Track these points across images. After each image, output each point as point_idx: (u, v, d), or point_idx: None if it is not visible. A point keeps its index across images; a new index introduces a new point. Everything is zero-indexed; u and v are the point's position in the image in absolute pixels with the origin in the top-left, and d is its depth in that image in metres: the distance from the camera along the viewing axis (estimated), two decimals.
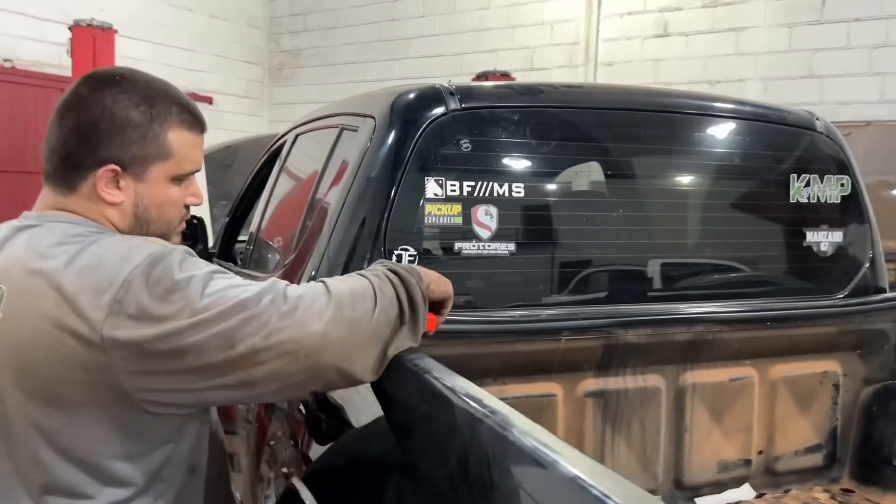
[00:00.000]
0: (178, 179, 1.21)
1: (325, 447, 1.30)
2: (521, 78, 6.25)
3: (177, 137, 1.19)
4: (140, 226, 1.19)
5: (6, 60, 6.20)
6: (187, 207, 1.26)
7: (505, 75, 5.85)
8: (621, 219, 1.86)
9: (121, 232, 1.19)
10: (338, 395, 1.32)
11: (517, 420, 0.85)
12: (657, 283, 1.84)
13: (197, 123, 1.23)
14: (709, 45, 5.93)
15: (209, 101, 7.83)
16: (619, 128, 1.88)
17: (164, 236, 1.21)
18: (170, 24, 7.36)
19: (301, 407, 1.39)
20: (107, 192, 1.16)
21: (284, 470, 1.37)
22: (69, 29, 4.30)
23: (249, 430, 1.91)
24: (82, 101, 1.16)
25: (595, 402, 1.70)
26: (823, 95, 5.45)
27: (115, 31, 4.40)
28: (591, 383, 1.70)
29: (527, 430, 0.82)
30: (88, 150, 1.14)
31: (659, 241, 1.89)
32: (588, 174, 1.95)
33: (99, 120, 1.14)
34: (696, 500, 1.74)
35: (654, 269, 1.85)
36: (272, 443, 1.58)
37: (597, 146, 1.90)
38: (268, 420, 1.66)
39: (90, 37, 4.29)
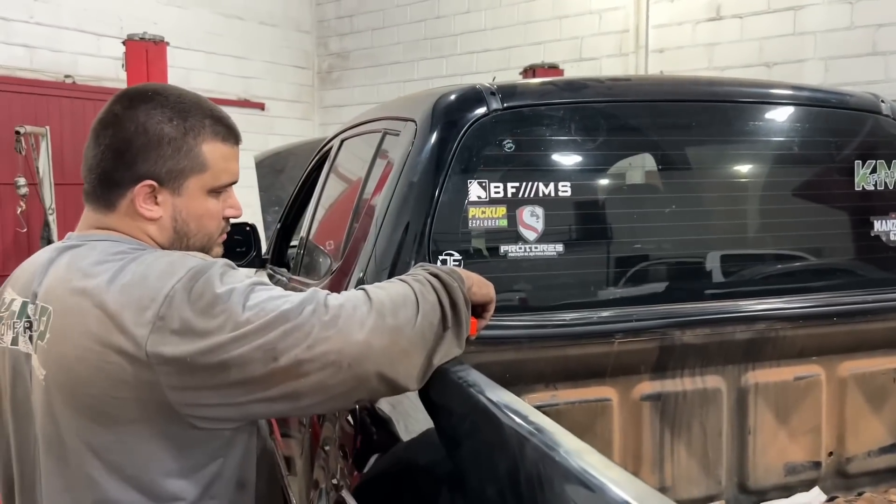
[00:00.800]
0: (216, 192, 1.23)
1: (375, 459, 1.28)
2: (570, 69, 6.15)
3: (211, 149, 1.20)
4: (180, 239, 1.21)
5: (67, 77, 6.41)
6: (227, 220, 1.27)
7: (553, 67, 5.76)
8: (675, 213, 1.79)
9: (161, 247, 1.20)
10: (386, 407, 1.30)
11: (564, 439, 0.81)
12: (715, 280, 1.77)
13: (231, 135, 1.24)
14: (765, 27, 5.72)
15: (261, 107, 7.95)
16: (669, 120, 1.81)
17: (205, 249, 1.23)
18: (221, 32, 7.49)
19: (349, 418, 1.38)
20: (145, 208, 1.17)
21: (335, 481, 1.36)
22: (123, 43, 4.41)
23: (304, 435, 1.91)
24: (116, 119, 1.17)
25: (652, 405, 1.64)
26: (889, 73, 5.20)
27: (167, 44, 4.50)
28: (647, 386, 1.64)
29: (574, 451, 0.78)
30: (125, 167, 1.16)
31: (716, 236, 1.81)
32: (638, 169, 1.89)
33: (133, 136, 1.16)
34: None
35: (711, 264, 1.78)
36: (326, 447, 1.57)
37: (646, 140, 1.84)
38: (320, 426, 1.65)
39: (143, 50, 4.39)
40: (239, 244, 3.24)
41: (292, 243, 3.19)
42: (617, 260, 1.73)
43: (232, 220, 1.32)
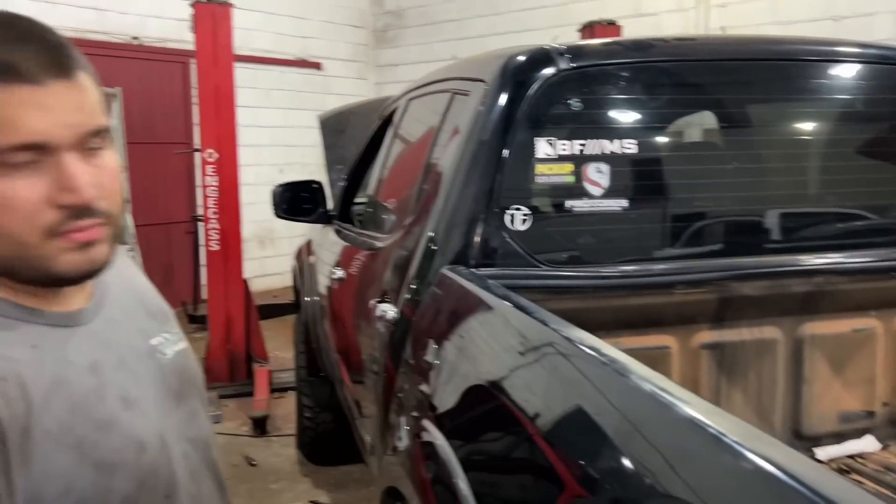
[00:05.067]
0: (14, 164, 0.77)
1: (453, 391, 1.40)
2: (629, 25, 6.08)
3: None
4: None
5: (134, 38, 6.62)
6: (70, 208, 0.80)
7: (611, 24, 5.70)
8: (737, 170, 1.84)
9: None
10: (460, 343, 1.41)
11: (635, 366, 0.91)
12: (775, 235, 1.82)
13: (12, 70, 0.77)
14: None
15: (318, 66, 8.06)
16: (733, 79, 1.85)
17: (33, 266, 0.81)
18: None
19: (428, 357, 1.50)
20: None
21: (415, 414, 1.48)
22: (191, 6, 4.54)
23: (376, 381, 2.05)
24: None
25: (710, 353, 1.73)
26: None
27: (232, 5, 4.62)
28: (706, 335, 1.72)
29: (644, 376, 0.88)
30: None
31: (776, 192, 1.86)
32: (701, 126, 1.94)
33: None
34: (815, 449, 1.74)
35: (771, 220, 1.83)
36: (400, 395, 1.70)
37: (710, 98, 1.89)
38: (395, 371, 1.78)
39: (210, 12, 4.51)
40: (306, 201, 3.38)
41: (357, 200, 3.31)
42: (678, 215, 1.80)
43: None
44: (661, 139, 1.82)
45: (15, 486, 0.76)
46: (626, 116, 1.76)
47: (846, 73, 1.90)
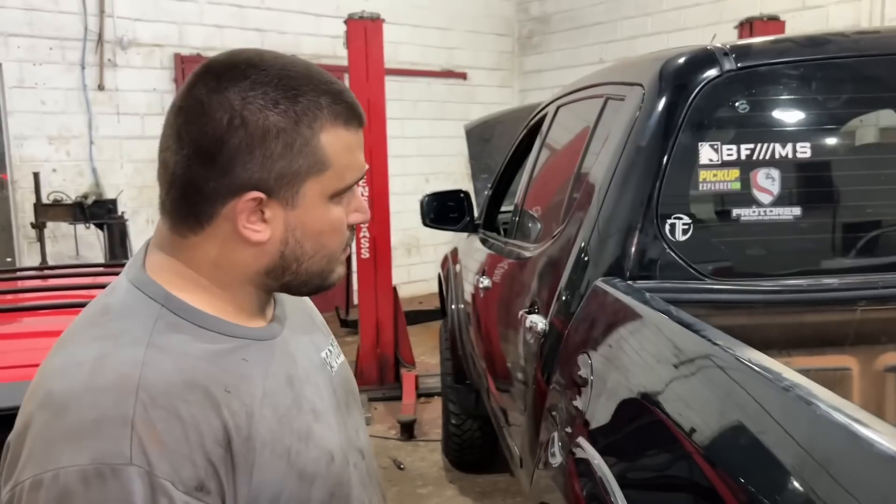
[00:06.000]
0: (339, 195, 0.90)
1: (608, 409, 1.35)
2: (792, 20, 5.69)
3: (332, 140, 0.86)
4: (285, 268, 0.90)
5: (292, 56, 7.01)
6: (351, 229, 0.95)
7: (773, 19, 5.35)
8: None
9: (241, 281, 0.90)
10: (614, 358, 1.36)
11: (820, 393, 0.83)
12: None
13: (354, 115, 0.89)
14: None
15: (463, 76, 8.17)
16: None
17: (324, 275, 0.93)
18: (426, 6, 7.76)
19: (581, 372, 1.46)
20: (251, 229, 0.85)
21: (568, 430, 1.44)
22: (344, 22, 4.73)
23: (524, 393, 2.02)
24: (201, 108, 0.83)
25: None
26: None
27: (383, 21, 4.77)
28: (892, 357, 1.56)
29: (833, 405, 0.80)
30: (218, 174, 0.83)
31: None
32: (879, 126, 1.76)
33: (227, 132, 0.82)
34: None
35: None
36: (551, 409, 1.66)
37: (889, 96, 1.71)
38: (545, 384, 1.74)
39: (362, 28, 4.68)
40: (452, 210, 3.42)
41: (503, 209, 3.31)
42: (857, 225, 1.64)
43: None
44: (837, 142, 1.67)
45: (239, 493, 0.82)
46: (798, 118, 1.63)
47: None
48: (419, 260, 7.69)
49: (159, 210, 0.90)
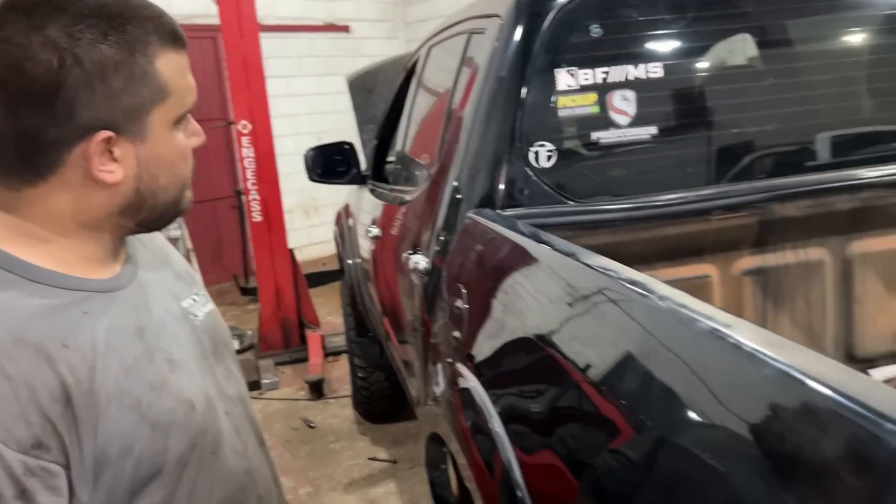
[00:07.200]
0: (180, 120, 0.88)
1: (484, 331, 1.38)
2: None
3: (167, 66, 0.84)
4: (140, 204, 0.87)
5: None
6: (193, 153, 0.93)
7: None
8: (772, 88, 1.75)
9: (94, 227, 0.86)
10: (492, 286, 1.39)
11: (661, 289, 0.87)
12: (818, 155, 1.73)
13: (179, 38, 0.87)
14: None
15: (346, 29, 7.99)
16: None
17: (177, 204, 0.92)
18: None
19: (458, 302, 1.48)
20: (104, 171, 0.82)
21: (449, 360, 1.47)
22: None
23: (416, 334, 2.05)
24: (21, 51, 0.76)
25: (754, 280, 1.66)
26: None
27: None
28: (748, 261, 1.66)
29: (667, 296, 0.84)
30: (59, 120, 0.78)
31: (817, 108, 1.77)
32: (732, 45, 1.84)
33: (59, 72, 0.77)
34: (871, 371, 1.67)
35: (812, 139, 1.74)
36: (433, 342, 1.69)
37: (739, 14, 1.78)
38: (430, 320, 1.77)
39: None
40: (339, 163, 3.37)
41: (389, 158, 3.29)
42: (712, 139, 1.72)
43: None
44: (689, 61, 1.74)
45: (85, 448, 0.79)
46: (649, 39, 1.68)
47: None
48: (319, 221, 7.58)
49: None
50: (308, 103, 7.44)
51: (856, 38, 1.83)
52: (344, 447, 3.63)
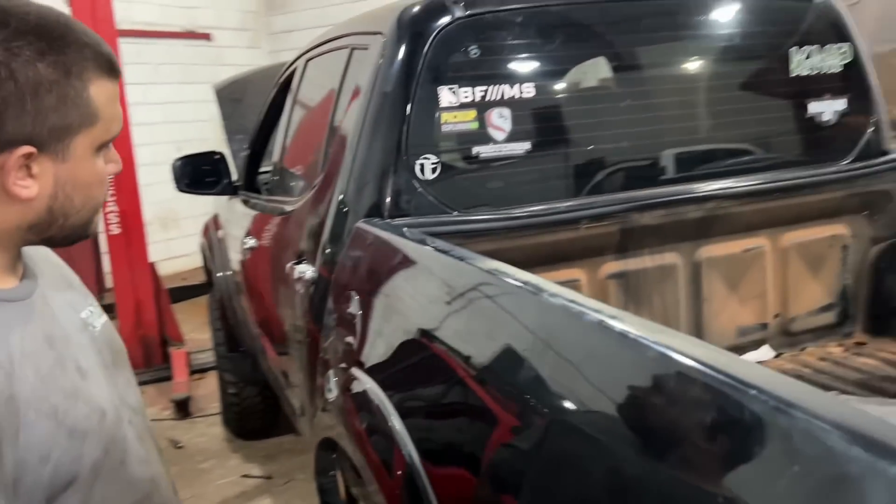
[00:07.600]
0: (103, 147, 0.91)
1: (376, 334, 1.43)
2: None
3: (100, 92, 0.87)
4: (50, 222, 0.89)
5: None
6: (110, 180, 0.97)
7: None
8: (629, 109, 1.93)
9: (6, 235, 0.87)
10: (384, 289, 1.45)
11: (543, 284, 0.98)
12: (669, 169, 1.93)
13: (114, 67, 0.90)
14: None
15: (207, 37, 7.77)
16: (620, 19, 1.93)
17: (86, 226, 0.94)
18: None
19: (350, 309, 1.53)
20: (20, 185, 0.83)
21: (343, 366, 1.51)
22: None
23: (300, 345, 2.06)
24: None
25: (617, 282, 1.82)
26: None
27: None
28: (612, 266, 1.82)
29: (558, 293, 0.95)
30: None
31: (668, 127, 1.96)
32: (594, 69, 2.01)
33: None
34: None
35: (665, 155, 1.93)
36: (325, 350, 1.72)
37: (600, 40, 1.95)
38: (318, 329, 1.79)
39: None
40: (209, 173, 3.29)
41: (262, 168, 3.25)
42: (577, 154, 1.87)
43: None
44: (558, 82, 1.88)
45: (6, 455, 0.79)
46: (522, 61, 1.81)
47: (725, 8, 2.01)
48: (178, 234, 7.29)
49: None
50: (166, 112, 7.16)
51: (698, 64, 2.05)
52: (214, 466, 3.53)
